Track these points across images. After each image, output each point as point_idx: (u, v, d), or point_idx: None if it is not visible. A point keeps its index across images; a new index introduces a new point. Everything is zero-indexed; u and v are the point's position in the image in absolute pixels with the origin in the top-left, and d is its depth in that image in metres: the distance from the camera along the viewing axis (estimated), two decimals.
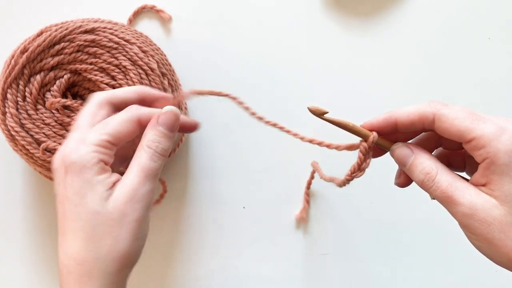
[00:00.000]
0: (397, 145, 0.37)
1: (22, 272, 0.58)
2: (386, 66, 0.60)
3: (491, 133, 0.33)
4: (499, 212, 0.32)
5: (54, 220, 0.59)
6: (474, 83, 0.60)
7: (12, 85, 0.50)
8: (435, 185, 0.34)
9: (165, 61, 0.55)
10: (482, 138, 0.33)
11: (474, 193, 0.33)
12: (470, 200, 0.33)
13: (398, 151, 0.37)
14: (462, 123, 0.34)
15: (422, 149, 0.36)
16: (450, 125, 0.34)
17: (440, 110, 0.35)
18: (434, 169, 0.35)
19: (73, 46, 0.51)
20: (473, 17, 0.60)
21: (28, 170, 0.59)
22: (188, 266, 0.58)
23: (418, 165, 0.35)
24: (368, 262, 0.58)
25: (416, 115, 0.36)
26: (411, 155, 0.36)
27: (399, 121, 0.36)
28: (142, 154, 0.37)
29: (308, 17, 0.61)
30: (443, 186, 0.34)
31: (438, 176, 0.34)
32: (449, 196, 0.34)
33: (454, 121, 0.34)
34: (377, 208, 0.58)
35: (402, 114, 0.36)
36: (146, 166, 0.36)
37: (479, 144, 0.33)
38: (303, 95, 0.60)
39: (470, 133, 0.33)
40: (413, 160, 0.36)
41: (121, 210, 0.35)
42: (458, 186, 0.34)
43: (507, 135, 0.32)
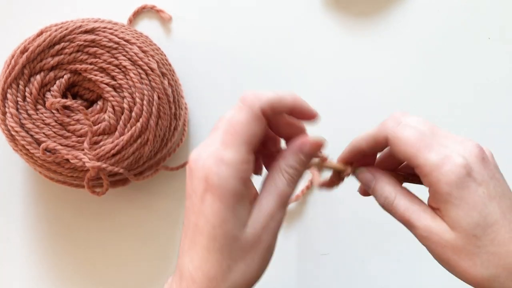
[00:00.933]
0: (360, 170, 0.39)
1: (22, 272, 0.58)
2: (386, 66, 0.60)
3: (433, 163, 0.33)
4: (451, 236, 0.34)
5: (54, 220, 0.59)
6: (474, 83, 0.60)
7: (12, 85, 0.50)
8: (393, 209, 0.37)
9: (165, 61, 0.55)
10: (425, 167, 0.34)
11: (430, 217, 0.35)
12: (425, 224, 0.35)
13: (361, 176, 0.39)
14: (409, 149, 0.34)
15: (383, 173, 0.38)
16: (398, 150, 0.35)
17: (392, 133, 0.36)
18: (393, 194, 0.37)
19: (73, 46, 0.51)
20: (473, 17, 0.60)
21: (28, 170, 0.59)
22: None
23: (378, 190, 0.38)
24: (369, 262, 0.58)
25: (372, 141, 0.38)
26: (372, 180, 0.39)
27: (363, 148, 0.38)
28: (281, 179, 0.35)
29: (308, 17, 0.61)
30: (400, 210, 0.36)
31: (396, 201, 0.37)
32: (406, 220, 0.36)
33: (401, 146, 0.35)
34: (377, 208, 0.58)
35: (361, 143, 0.38)
36: (283, 192, 0.35)
37: (422, 172, 0.34)
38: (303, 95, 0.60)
39: (415, 160, 0.34)
40: (374, 185, 0.38)
41: (258, 236, 0.34)
42: (414, 210, 0.36)
43: (448, 166, 0.33)
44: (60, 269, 0.59)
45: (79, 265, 0.58)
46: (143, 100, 0.51)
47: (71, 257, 0.59)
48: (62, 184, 0.55)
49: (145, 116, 0.51)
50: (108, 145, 0.50)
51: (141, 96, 0.51)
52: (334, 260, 0.58)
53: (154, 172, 0.56)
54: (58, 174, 0.52)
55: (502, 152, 0.60)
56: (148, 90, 0.51)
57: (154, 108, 0.51)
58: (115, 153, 0.50)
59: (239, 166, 0.33)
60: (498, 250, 0.33)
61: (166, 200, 0.59)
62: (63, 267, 0.59)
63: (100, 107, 0.52)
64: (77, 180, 0.53)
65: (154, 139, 0.52)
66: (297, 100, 0.37)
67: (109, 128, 0.51)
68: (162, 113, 0.52)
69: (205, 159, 0.33)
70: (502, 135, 0.60)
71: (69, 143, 0.51)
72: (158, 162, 0.56)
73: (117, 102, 0.51)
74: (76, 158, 0.49)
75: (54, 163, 0.51)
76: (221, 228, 0.33)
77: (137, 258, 0.58)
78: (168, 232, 0.59)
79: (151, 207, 0.59)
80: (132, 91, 0.51)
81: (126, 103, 0.51)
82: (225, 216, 0.33)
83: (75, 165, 0.50)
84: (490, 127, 0.60)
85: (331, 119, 0.60)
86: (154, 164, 0.56)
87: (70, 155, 0.49)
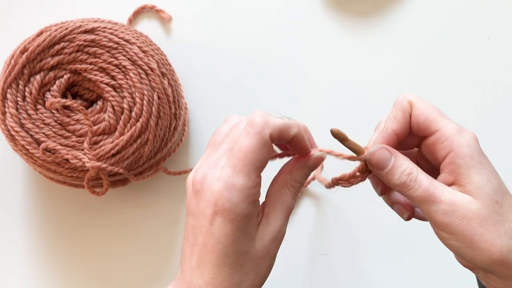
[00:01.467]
0: (375, 147, 0.36)
1: (22, 272, 0.58)
2: (386, 66, 0.60)
3: (454, 128, 0.34)
4: (476, 206, 0.33)
5: (54, 219, 0.59)
6: (474, 83, 0.60)
7: (12, 85, 0.50)
8: (417, 185, 0.34)
9: (165, 61, 0.55)
10: (446, 130, 0.34)
11: (452, 191, 0.34)
12: (450, 197, 0.33)
13: (378, 153, 0.36)
14: (430, 114, 0.35)
15: (397, 151, 0.36)
16: (420, 113, 0.35)
17: (415, 98, 0.36)
18: (415, 169, 0.35)
19: (73, 46, 0.51)
20: (473, 17, 0.60)
21: (28, 170, 0.59)
22: None
23: (399, 167, 0.35)
24: (369, 262, 0.58)
25: (400, 115, 0.36)
26: (390, 158, 0.36)
27: (396, 131, 0.36)
28: (287, 193, 0.37)
29: (308, 17, 0.61)
30: (425, 185, 0.34)
31: (419, 176, 0.34)
32: (430, 194, 0.34)
33: (424, 110, 0.35)
34: (377, 208, 0.58)
35: (393, 123, 0.36)
36: (290, 206, 0.37)
37: (442, 136, 0.34)
38: (303, 95, 0.60)
39: (437, 123, 0.35)
40: (394, 162, 0.35)
41: (267, 248, 0.36)
42: (436, 185, 0.34)
43: (467, 132, 0.34)
44: (60, 269, 0.59)
45: (79, 265, 0.58)
46: (143, 100, 0.51)
47: (71, 256, 0.59)
48: (62, 184, 0.55)
49: (145, 116, 0.51)
50: (108, 145, 0.50)
51: (141, 96, 0.51)
52: (334, 260, 0.58)
53: (154, 172, 0.56)
54: (58, 174, 0.52)
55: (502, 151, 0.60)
56: (148, 90, 0.51)
57: (154, 108, 0.51)
58: (115, 153, 0.50)
59: (250, 190, 0.34)
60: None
61: (165, 200, 0.59)
62: (63, 267, 0.58)
63: (100, 107, 0.52)
64: (77, 180, 0.53)
65: (154, 139, 0.52)
66: (300, 133, 0.37)
67: (109, 128, 0.51)
68: (162, 113, 0.52)
69: (215, 183, 0.34)
70: (502, 134, 0.60)
71: (69, 143, 0.51)
72: (158, 162, 0.56)
73: (117, 102, 0.51)
74: (76, 158, 0.49)
75: (54, 163, 0.51)
76: (233, 246, 0.34)
77: (137, 258, 0.58)
78: (167, 232, 0.59)
79: (151, 207, 0.59)
80: (132, 91, 0.51)
81: (126, 103, 0.51)
82: (236, 236, 0.34)
83: (75, 165, 0.50)
84: (490, 126, 0.60)
85: (331, 118, 0.60)
86: (154, 164, 0.56)
87: (70, 155, 0.49)
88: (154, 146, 0.53)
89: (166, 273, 0.58)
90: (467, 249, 0.33)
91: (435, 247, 0.58)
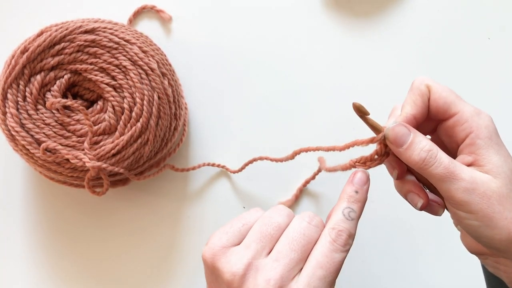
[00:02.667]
0: (393, 123, 0.36)
1: (22, 272, 0.58)
2: (386, 66, 0.60)
3: (472, 110, 0.35)
4: (495, 185, 0.33)
5: (54, 219, 0.59)
6: (474, 83, 0.60)
7: (12, 85, 0.50)
8: (437, 162, 0.34)
9: (165, 61, 0.55)
10: (465, 113, 0.35)
11: (471, 170, 0.34)
12: (470, 175, 0.33)
13: (397, 129, 0.35)
14: (449, 96, 0.35)
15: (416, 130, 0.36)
16: (438, 96, 0.36)
17: (432, 81, 0.36)
18: (434, 146, 0.34)
19: (73, 46, 0.51)
20: (473, 17, 0.60)
21: (28, 170, 0.59)
22: (188, 266, 0.58)
23: (418, 143, 0.34)
24: (369, 262, 0.58)
25: (418, 98, 0.36)
26: (409, 134, 0.35)
27: (415, 115, 0.36)
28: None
29: (308, 17, 0.61)
30: (446, 162, 0.33)
31: (440, 153, 0.34)
32: (451, 171, 0.33)
33: (442, 93, 0.36)
34: (378, 208, 0.58)
35: (412, 108, 0.36)
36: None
37: (462, 118, 0.35)
38: (303, 95, 0.60)
39: (455, 106, 0.35)
40: (413, 138, 0.35)
41: None
42: (456, 164, 0.34)
43: (484, 114, 0.35)
44: (60, 269, 0.59)
45: (79, 265, 0.58)
46: (143, 100, 0.51)
47: (71, 256, 0.59)
48: (62, 184, 0.55)
49: (145, 116, 0.51)
50: (108, 145, 0.50)
51: (141, 96, 0.51)
52: None
53: (159, 170, 0.56)
54: (58, 174, 0.52)
55: None
56: (148, 90, 0.51)
57: (154, 108, 0.51)
58: (115, 153, 0.51)
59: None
60: None
61: (166, 199, 0.59)
62: (63, 267, 0.59)
63: (100, 107, 0.52)
64: (77, 180, 0.53)
65: (154, 139, 0.52)
66: None
67: (109, 128, 0.51)
68: (162, 113, 0.52)
69: None
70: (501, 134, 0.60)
71: (69, 143, 0.51)
72: (159, 162, 0.56)
73: (117, 102, 0.51)
74: (77, 158, 0.49)
75: (54, 163, 0.51)
76: None
77: (137, 257, 0.59)
78: (168, 232, 0.59)
79: (151, 207, 0.59)
80: (132, 91, 0.51)
81: (126, 103, 0.51)
82: None
83: (75, 165, 0.51)
84: None
85: (331, 118, 0.60)
86: (154, 164, 0.56)
87: (70, 155, 0.49)
88: (155, 146, 0.53)
89: (166, 272, 0.58)
90: (485, 228, 0.33)
91: (435, 247, 0.59)
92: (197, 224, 0.59)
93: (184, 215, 0.59)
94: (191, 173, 0.59)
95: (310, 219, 0.35)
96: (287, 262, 0.33)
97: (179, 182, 0.59)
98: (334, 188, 0.42)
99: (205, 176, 0.59)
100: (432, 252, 0.58)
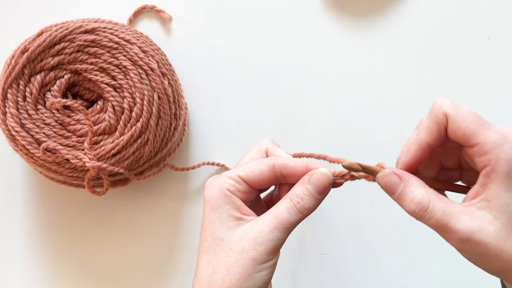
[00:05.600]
0: (383, 172, 0.35)
1: (22, 272, 0.58)
2: (386, 66, 0.60)
3: (494, 141, 0.32)
4: (494, 228, 0.32)
5: (54, 220, 0.59)
6: (474, 83, 0.60)
7: (12, 85, 0.50)
8: (428, 215, 0.33)
9: (165, 61, 0.55)
10: (485, 144, 0.32)
11: (468, 217, 0.33)
12: (466, 224, 0.33)
13: (385, 179, 0.35)
14: (468, 127, 0.33)
15: (411, 176, 0.35)
16: (457, 127, 0.33)
17: (451, 110, 0.34)
18: (426, 198, 0.34)
19: (73, 46, 0.51)
20: (473, 17, 0.60)
21: (28, 170, 0.59)
22: (188, 266, 0.58)
23: (408, 194, 0.34)
24: (369, 262, 0.58)
25: (434, 127, 0.34)
26: (399, 184, 0.35)
27: (430, 143, 0.35)
28: (282, 203, 0.38)
29: (308, 17, 0.61)
30: (438, 215, 0.33)
31: (431, 205, 0.33)
32: (444, 224, 0.33)
33: (461, 123, 0.33)
34: (378, 207, 0.58)
35: (427, 135, 0.35)
36: (280, 215, 0.37)
37: (481, 150, 0.33)
38: (303, 95, 0.60)
39: (475, 138, 0.33)
40: (402, 189, 0.35)
41: (242, 244, 0.37)
42: (452, 213, 0.33)
43: (509, 144, 0.32)
44: (60, 268, 0.59)
45: (79, 264, 0.58)
46: (144, 100, 0.51)
47: (71, 256, 0.59)
48: (63, 184, 0.55)
49: (145, 116, 0.51)
50: (108, 145, 0.50)
51: (141, 96, 0.51)
52: (334, 260, 0.58)
53: (159, 170, 0.56)
54: (59, 174, 0.52)
55: None
56: (149, 90, 0.51)
57: (154, 108, 0.51)
58: (115, 153, 0.51)
59: (229, 177, 0.40)
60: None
61: (166, 200, 0.59)
62: (63, 266, 0.59)
63: (100, 107, 0.52)
64: (77, 180, 0.53)
65: (154, 139, 0.52)
66: (277, 165, 0.40)
67: (109, 128, 0.51)
68: (162, 113, 0.52)
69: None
70: None
71: (70, 143, 0.51)
72: (159, 162, 0.56)
73: (117, 102, 0.51)
74: (77, 158, 0.49)
75: (54, 163, 0.51)
76: (209, 229, 0.38)
77: (137, 257, 0.59)
78: (168, 232, 0.59)
79: (151, 206, 0.59)
80: (132, 91, 0.51)
81: (126, 103, 0.51)
82: (212, 219, 0.38)
83: (75, 165, 0.51)
84: None
85: (331, 118, 0.60)
86: (154, 164, 0.56)
87: (70, 155, 0.49)
88: (155, 146, 0.53)
89: (166, 272, 0.58)
90: (481, 264, 0.34)
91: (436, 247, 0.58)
92: (197, 224, 0.59)
93: (184, 215, 0.59)
94: (191, 173, 0.59)
95: None
96: None
97: (179, 182, 0.59)
98: (336, 188, 0.42)
99: (205, 176, 0.59)
100: (432, 252, 0.58)
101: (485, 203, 0.33)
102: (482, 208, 0.33)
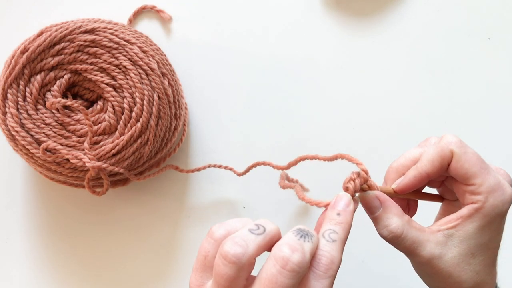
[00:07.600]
0: (368, 193, 0.37)
1: (22, 272, 0.58)
2: (386, 66, 0.60)
3: (490, 186, 0.36)
4: (451, 255, 0.36)
5: (54, 220, 0.59)
6: (474, 83, 0.60)
7: (12, 85, 0.50)
8: (399, 242, 0.37)
9: (165, 61, 0.56)
10: (481, 187, 0.36)
11: (434, 245, 0.36)
12: (429, 252, 0.36)
13: (367, 199, 0.38)
14: (471, 168, 0.36)
15: (392, 203, 0.37)
16: (460, 166, 0.36)
17: (458, 149, 0.36)
18: (400, 228, 0.36)
19: (73, 46, 0.51)
20: (473, 17, 0.60)
21: (28, 170, 0.59)
22: (188, 266, 0.58)
23: (385, 220, 0.37)
24: (369, 262, 0.58)
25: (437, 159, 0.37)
26: (378, 208, 0.37)
27: (429, 173, 0.37)
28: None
29: (308, 17, 0.61)
30: (408, 243, 0.37)
31: (404, 234, 0.36)
32: (411, 251, 0.37)
33: (464, 163, 0.36)
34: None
35: (428, 166, 0.37)
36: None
37: (476, 190, 0.36)
38: (303, 95, 0.60)
39: (474, 179, 0.36)
40: (380, 214, 0.37)
41: None
42: (420, 241, 0.36)
43: (501, 191, 0.36)
44: (60, 268, 0.59)
45: (79, 264, 0.59)
46: (143, 100, 0.51)
47: (72, 256, 0.59)
48: (63, 184, 0.55)
49: (145, 116, 0.51)
50: (108, 145, 0.50)
51: (141, 96, 0.51)
52: None
53: (160, 171, 0.56)
54: (59, 174, 0.52)
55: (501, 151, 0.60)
56: (148, 90, 0.51)
57: (154, 108, 0.51)
58: (115, 153, 0.51)
59: None
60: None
61: (166, 200, 0.59)
62: (63, 267, 0.59)
63: (100, 107, 0.52)
64: (77, 180, 0.53)
65: (154, 139, 0.52)
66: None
67: (109, 128, 0.51)
68: (162, 113, 0.52)
69: None
70: (502, 134, 0.60)
71: (69, 143, 0.51)
72: (159, 162, 0.56)
73: (117, 102, 0.51)
74: (77, 158, 0.49)
75: (54, 163, 0.51)
76: None
77: (138, 257, 0.59)
78: (168, 232, 0.59)
79: (151, 207, 0.59)
80: (132, 91, 0.51)
81: (126, 103, 0.51)
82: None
83: (75, 165, 0.51)
84: (490, 127, 0.60)
85: (331, 118, 0.60)
86: (154, 164, 0.56)
87: (70, 155, 0.49)
88: (155, 146, 0.53)
89: (166, 272, 0.58)
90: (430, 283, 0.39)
91: None
92: (197, 224, 0.59)
93: (184, 215, 0.59)
94: (191, 173, 0.59)
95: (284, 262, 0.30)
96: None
97: (179, 182, 0.59)
98: (335, 188, 0.42)
99: (205, 176, 0.59)
100: None
101: (452, 231, 0.36)
102: (448, 236, 0.36)
